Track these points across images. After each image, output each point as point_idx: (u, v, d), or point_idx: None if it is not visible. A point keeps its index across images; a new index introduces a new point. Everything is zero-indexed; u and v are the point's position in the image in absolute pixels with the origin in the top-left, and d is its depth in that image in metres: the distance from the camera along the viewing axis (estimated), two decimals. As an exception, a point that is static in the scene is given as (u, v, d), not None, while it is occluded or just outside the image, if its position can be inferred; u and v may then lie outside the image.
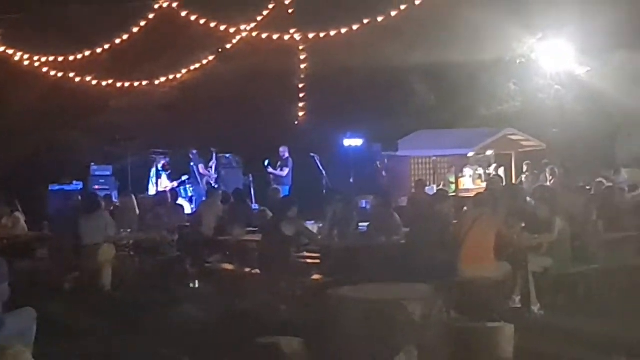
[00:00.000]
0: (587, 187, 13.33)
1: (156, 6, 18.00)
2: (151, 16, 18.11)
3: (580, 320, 7.75)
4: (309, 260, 10.63)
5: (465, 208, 11.00)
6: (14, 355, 5.01)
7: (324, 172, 16.32)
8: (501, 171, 17.35)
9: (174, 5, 18.06)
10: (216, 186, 15.49)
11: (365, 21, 17.96)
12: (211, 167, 16.49)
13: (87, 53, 18.16)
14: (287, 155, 15.94)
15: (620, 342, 6.34)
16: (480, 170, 17.74)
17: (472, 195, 12.31)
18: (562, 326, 7.54)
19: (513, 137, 18.31)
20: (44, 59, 17.85)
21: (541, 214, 9.32)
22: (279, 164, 15.81)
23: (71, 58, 18.24)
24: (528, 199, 11.60)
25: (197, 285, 10.94)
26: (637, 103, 18.71)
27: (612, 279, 9.36)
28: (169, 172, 16.63)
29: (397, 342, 5.32)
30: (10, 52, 17.74)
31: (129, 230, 12.01)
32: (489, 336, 5.85)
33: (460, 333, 5.94)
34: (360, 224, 11.55)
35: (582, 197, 11.77)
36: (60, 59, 18.26)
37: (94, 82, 18.34)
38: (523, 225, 9.16)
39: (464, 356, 5.66)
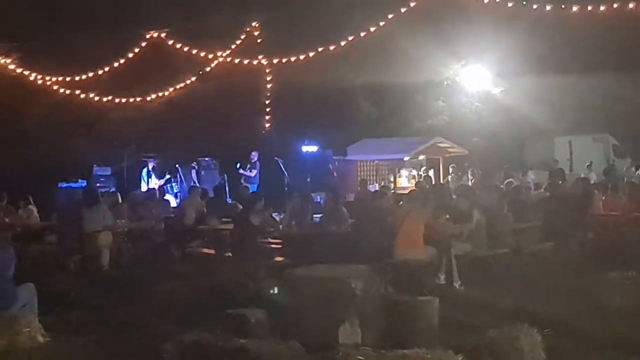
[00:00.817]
0: (501, 186, 14.49)
1: (147, 36, 20.23)
2: (144, 44, 20.40)
3: (493, 294, 8.48)
4: (272, 245, 11.87)
5: (400, 203, 11.73)
6: (26, 323, 5.54)
7: (285, 173, 17.78)
8: (431, 173, 19.63)
9: (162, 35, 20.38)
10: (197, 184, 16.87)
11: (320, 49, 20.14)
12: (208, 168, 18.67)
13: (91, 74, 19.98)
14: (255, 159, 17.50)
15: (526, 311, 6.72)
16: (414, 172, 19.81)
17: (406, 192, 13.77)
18: (478, 299, 8.29)
19: (441, 145, 20.54)
20: (54, 79, 19.56)
21: (462, 207, 10.46)
22: (248, 166, 17.32)
23: (77, 78, 19.97)
24: (454, 195, 12.94)
25: (179, 266, 11.65)
26: (540, 116, 22.10)
27: (519, 260, 10.62)
28: (158, 172, 18.08)
29: (342, 313, 5.74)
30: (26, 72, 19.31)
31: (123, 221, 13.03)
32: (418, 308, 6.21)
33: (394, 305, 6.30)
34: (315, 216, 12.91)
35: (496, 194, 12.69)
36: (68, 78, 19.92)
37: (96, 98, 20.12)
38: (447, 216, 10.24)
39: (398, 325, 6.03)
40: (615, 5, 17.24)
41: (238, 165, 17.21)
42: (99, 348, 6.57)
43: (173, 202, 16.54)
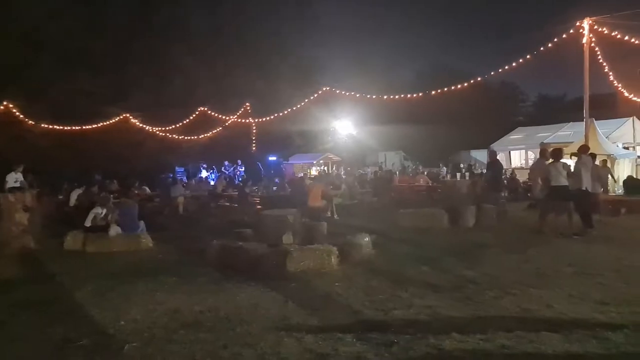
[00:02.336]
0: (355, 174, 25.27)
1: (197, 110, 28.49)
2: (193, 115, 28.42)
3: (351, 221, 12.96)
4: (256, 200, 16.92)
5: (311, 181, 16.78)
6: (144, 237, 10.12)
7: (261, 169, 28.33)
8: (326, 168, 30.68)
9: (206, 109, 28.63)
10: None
11: (277, 114, 28.50)
12: (227, 167, 27.72)
13: (175, 126, 28.29)
14: (240, 162, 27.63)
15: (364, 227, 10.49)
16: (319, 168, 31.08)
17: (314, 176, 23.51)
18: (345, 223, 12.35)
19: (330, 156, 32.86)
20: (156, 128, 28.21)
21: (337, 182, 17.11)
22: (240, 164, 27.67)
23: (169, 128, 28.56)
24: (343, 176, 22.11)
25: (214, 211, 16.61)
26: (372, 142, 35.66)
27: (362, 206, 16.73)
28: (206, 169, 28.00)
29: (284, 230, 9.06)
30: (144, 126, 27.52)
31: (188, 191, 19.01)
32: (318, 227, 9.87)
33: (308, 227, 9.76)
34: (274, 187, 20.42)
35: (352, 177, 22.41)
36: (162, 128, 28.42)
37: (178, 137, 29.12)
38: (331, 187, 15.13)
39: (308, 235, 9.21)
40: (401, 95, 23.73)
41: (239, 163, 27.87)
42: (177, 249, 9.72)
43: (212, 183, 24.57)
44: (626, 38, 15.25)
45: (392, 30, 79.23)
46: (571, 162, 10.97)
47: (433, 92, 20.50)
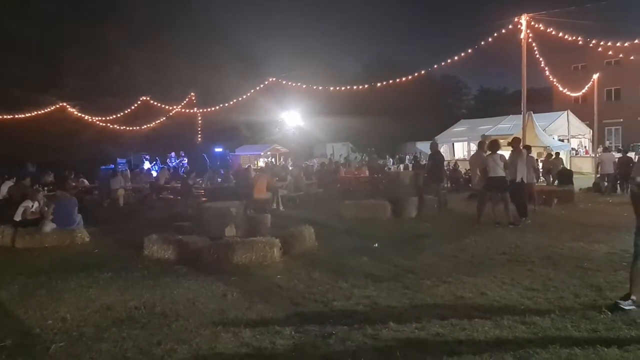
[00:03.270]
0: (302, 165, 25.21)
1: (139, 100, 27.92)
2: (135, 105, 27.98)
3: (296, 212, 13.25)
4: (200, 193, 16.39)
5: (257, 172, 16.74)
6: (80, 231, 9.72)
7: (207, 160, 27.77)
8: (274, 160, 31.67)
9: (147, 98, 28.01)
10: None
11: (222, 105, 27.94)
12: (171, 158, 27.52)
13: (115, 116, 27.79)
14: (183, 154, 27.69)
15: (308, 219, 10.50)
16: (267, 159, 31.60)
17: (261, 168, 24.34)
18: (290, 215, 12.47)
19: (277, 147, 34.04)
20: (95, 118, 27.69)
21: (283, 174, 17.06)
22: (184, 155, 27.62)
23: (109, 117, 28.05)
24: (290, 168, 21.85)
25: (156, 204, 16.59)
26: (320, 134, 36.59)
27: (308, 197, 16.65)
28: (148, 160, 27.64)
29: (227, 222, 8.87)
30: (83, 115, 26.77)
31: (129, 183, 18.91)
32: (262, 219, 9.69)
33: (252, 219, 9.60)
34: (218, 179, 19.27)
35: (299, 168, 21.40)
36: (101, 117, 27.89)
37: (119, 127, 29.02)
38: (277, 178, 15.67)
39: (252, 227, 9.08)
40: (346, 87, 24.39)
41: (183, 155, 27.75)
42: (115, 243, 9.52)
43: (155, 174, 23.53)
44: (560, 35, 15.89)
45: (339, 22, 79.44)
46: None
47: (378, 85, 20.69)
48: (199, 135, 31.35)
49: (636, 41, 15.69)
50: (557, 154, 19.33)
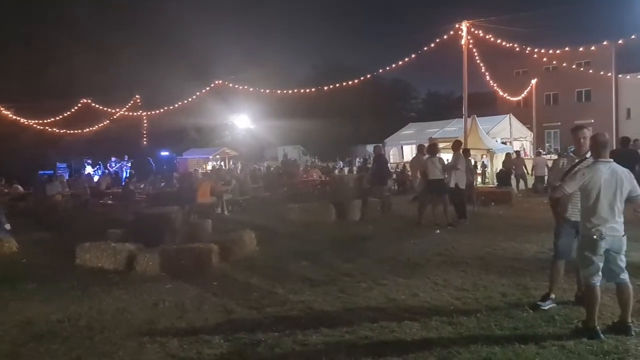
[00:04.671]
0: (251, 168, 24.60)
1: (80, 102, 27.57)
2: (75, 107, 27.78)
3: (240, 217, 13.28)
4: (142, 198, 16.60)
5: (201, 177, 16.00)
6: (7, 241, 9.31)
7: (152, 164, 26.21)
8: (222, 164, 30.82)
9: (89, 100, 27.76)
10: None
11: (172, 107, 28.15)
12: (113, 162, 26.87)
13: (54, 119, 27.63)
14: (127, 158, 26.68)
15: (251, 223, 10.42)
16: (214, 163, 31.06)
17: (208, 172, 22.93)
18: (234, 219, 12.55)
19: (227, 150, 32.81)
20: (32, 121, 27.30)
21: (228, 177, 17.04)
22: (127, 159, 26.70)
23: (47, 120, 27.64)
24: (238, 171, 22.27)
25: (96, 209, 16.54)
26: (271, 137, 36.74)
27: (255, 201, 16.69)
28: (91, 165, 27.02)
29: (166, 228, 8.70)
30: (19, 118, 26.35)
31: (67, 189, 18.27)
32: (203, 224, 9.76)
33: (192, 225, 9.65)
34: (162, 184, 18.72)
35: (246, 172, 21.18)
36: (39, 120, 27.44)
37: (58, 130, 28.24)
38: (222, 182, 15.86)
39: (192, 232, 9.06)
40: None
41: (126, 159, 27.00)
42: (46, 252, 9.21)
43: (96, 179, 23.41)
44: (498, 41, 16.49)
45: (287, 25, 79.54)
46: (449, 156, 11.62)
47: (326, 88, 20.85)
48: (145, 139, 30.70)
49: (567, 49, 16.43)
50: (518, 153, 20.18)
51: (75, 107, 27.62)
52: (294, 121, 34.55)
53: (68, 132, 28.60)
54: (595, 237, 4.23)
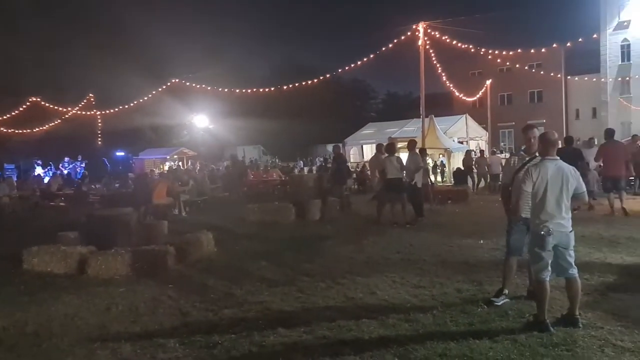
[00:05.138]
0: (208, 169, 24.91)
1: (28, 101, 27.20)
2: (23, 106, 27.32)
3: (198, 217, 13.10)
4: (95, 199, 16.22)
5: (158, 177, 17.17)
6: None
7: (108, 165, 27.07)
8: (180, 164, 30.17)
9: (38, 99, 27.40)
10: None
11: (127, 106, 27.90)
12: (65, 163, 26.69)
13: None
14: (80, 158, 26.91)
15: (209, 224, 10.49)
16: (172, 163, 30.22)
17: (165, 172, 22.69)
18: (191, 220, 12.46)
19: (185, 151, 32.55)
20: None
21: (185, 178, 16.91)
22: (80, 159, 26.90)
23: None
24: (196, 171, 22.68)
25: (47, 212, 16.12)
26: (231, 136, 35.47)
27: (214, 201, 16.48)
28: (41, 166, 26.29)
29: (120, 230, 8.52)
30: None
31: (15, 191, 18.31)
32: (159, 225, 9.69)
33: (147, 226, 9.55)
34: (116, 185, 19.20)
35: (204, 172, 21.37)
36: None
37: (5, 130, 27.76)
38: (179, 183, 15.60)
39: (147, 234, 8.89)
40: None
41: (80, 159, 26.90)
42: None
43: (46, 180, 22.82)
44: (454, 42, 16.84)
45: (245, 25, 79.03)
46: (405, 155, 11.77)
47: (285, 87, 20.79)
48: (100, 139, 30.14)
49: (519, 50, 16.92)
50: (482, 152, 20.65)
51: (24, 106, 26.81)
52: (254, 121, 34.29)
53: (16, 131, 27.67)
54: (542, 233, 4.36)
